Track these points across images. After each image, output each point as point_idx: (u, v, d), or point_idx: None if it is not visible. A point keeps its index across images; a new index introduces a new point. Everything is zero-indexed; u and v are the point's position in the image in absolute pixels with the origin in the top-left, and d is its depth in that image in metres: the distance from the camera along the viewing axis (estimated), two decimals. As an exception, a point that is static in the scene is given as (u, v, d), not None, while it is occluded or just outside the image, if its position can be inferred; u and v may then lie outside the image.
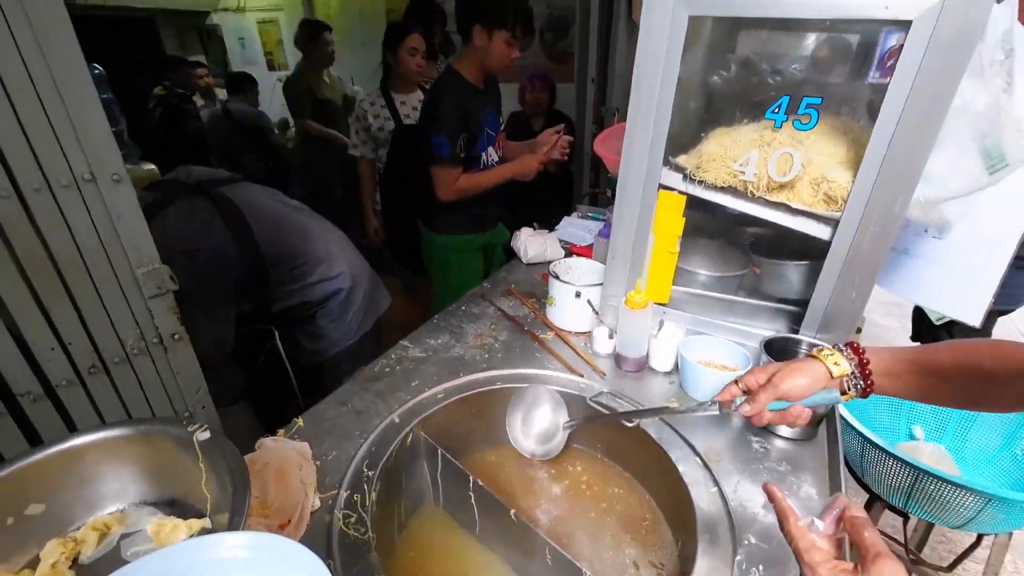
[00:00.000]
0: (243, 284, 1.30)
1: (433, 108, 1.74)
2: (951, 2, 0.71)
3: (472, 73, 1.75)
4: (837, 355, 0.69)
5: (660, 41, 0.91)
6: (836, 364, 0.68)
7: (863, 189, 0.85)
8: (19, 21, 0.64)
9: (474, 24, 1.64)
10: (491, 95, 1.87)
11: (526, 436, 0.98)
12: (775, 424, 0.88)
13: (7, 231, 0.68)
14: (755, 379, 0.72)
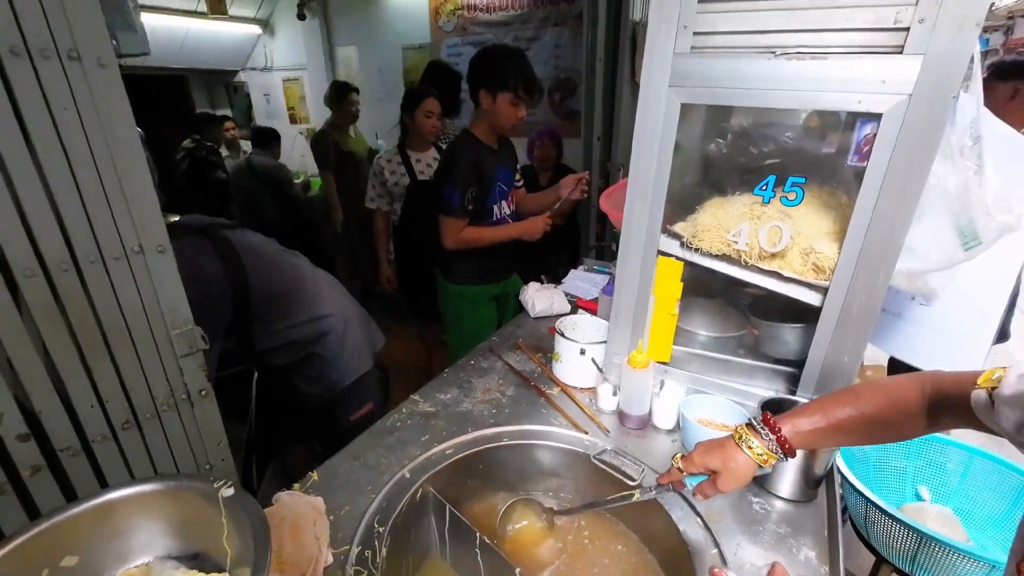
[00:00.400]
0: (233, 320, 1.37)
1: (447, 165, 1.88)
2: (916, 97, 0.78)
3: (484, 134, 1.89)
4: (752, 437, 0.76)
5: (655, 123, 1.00)
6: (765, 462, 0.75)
7: (848, 261, 0.90)
8: (85, 99, 0.73)
9: (480, 89, 1.78)
10: (504, 154, 2.00)
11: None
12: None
13: (64, 301, 0.75)
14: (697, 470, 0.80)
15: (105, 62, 0.73)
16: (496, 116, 1.81)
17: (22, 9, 0.67)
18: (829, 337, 0.97)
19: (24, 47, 0.66)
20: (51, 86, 0.69)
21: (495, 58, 1.77)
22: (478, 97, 1.81)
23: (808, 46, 0.84)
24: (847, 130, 1.05)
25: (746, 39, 0.89)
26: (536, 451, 1.11)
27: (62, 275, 0.75)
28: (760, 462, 0.75)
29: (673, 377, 1.17)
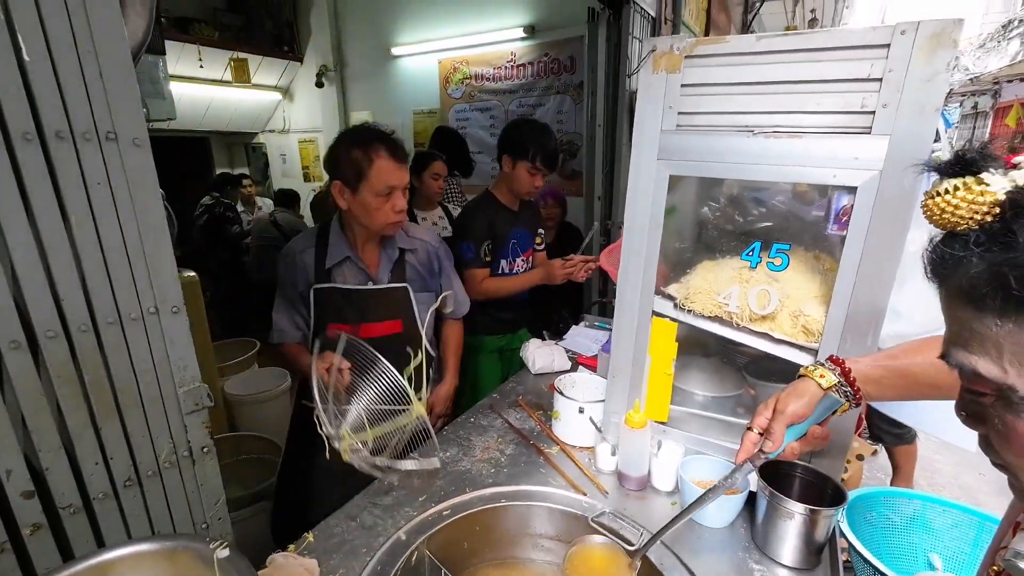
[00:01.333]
0: None
1: (464, 222, 2.02)
2: (887, 172, 0.84)
3: (504, 195, 2.01)
4: (821, 368, 0.79)
5: (647, 192, 1.06)
6: (822, 376, 0.79)
7: (836, 324, 0.93)
8: (117, 175, 0.80)
9: (504, 154, 1.94)
10: (525, 216, 2.10)
11: None
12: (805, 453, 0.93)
13: (81, 361, 0.79)
14: (763, 417, 0.81)
15: (140, 142, 0.80)
16: (514, 181, 1.94)
17: (70, 96, 0.75)
18: (822, 399, 0.98)
19: (69, 131, 0.73)
20: (89, 164, 0.76)
21: (523, 130, 1.93)
22: (502, 161, 1.95)
23: (784, 126, 0.91)
24: (829, 199, 1.11)
25: (726, 119, 0.96)
26: (534, 513, 1.10)
27: (81, 336, 0.79)
28: (826, 384, 0.77)
29: (671, 437, 1.17)
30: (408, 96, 4.47)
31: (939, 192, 0.42)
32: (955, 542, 1.27)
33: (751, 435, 0.83)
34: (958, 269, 0.40)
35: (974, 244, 0.39)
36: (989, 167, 0.40)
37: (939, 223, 0.43)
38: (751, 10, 5.11)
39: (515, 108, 3.85)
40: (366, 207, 1.33)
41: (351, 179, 1.31)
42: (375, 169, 1.30)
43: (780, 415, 0.79)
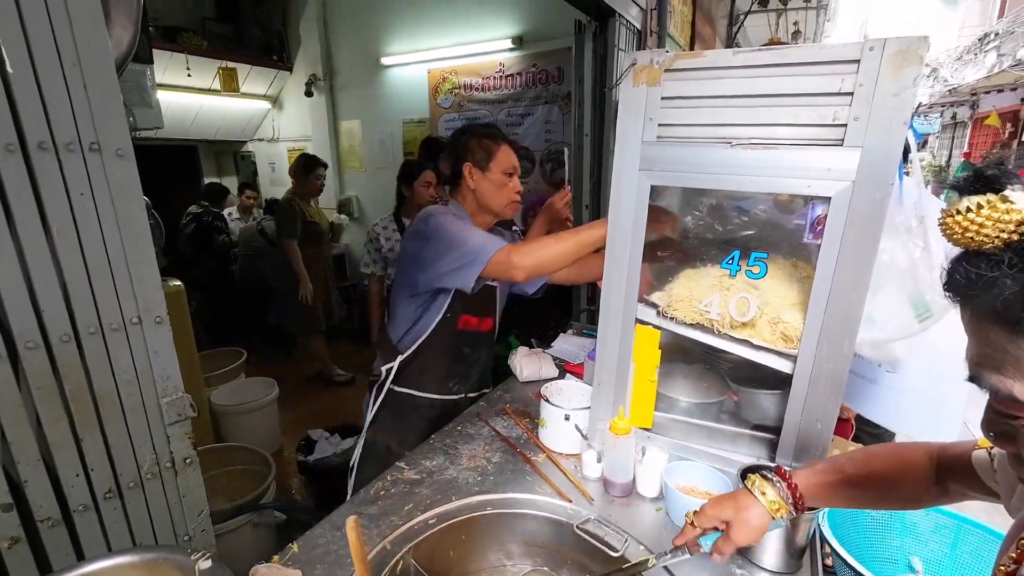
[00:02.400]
0: None
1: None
2: (859, 183, 0.86)
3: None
4: (768, 489, 0.77)
5: (629, 201, 1.08)
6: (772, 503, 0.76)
7: (813, 330, 0.95)
8: (101, 185, 0.80)
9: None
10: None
11: None
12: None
13: (62, 372, 0.79)
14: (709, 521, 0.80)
15: (123, 152, 0.81)
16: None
17: (53, 106, 0.75)
18: (802, 403, 1.00)
19: (52, 142, 0.74)
20: (72, 175, 0.76)
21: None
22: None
23: (760, 138, 0.93)
24: (806, 208, 1.13)
25: (706, 131, 0.98)
26: (520, 520, 1.10)
27: (62, 346, 0.79)
28: (772, 510, 0.75)
29: (656, 443, 1.19)
30: (398, 105, 4.49)
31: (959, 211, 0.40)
32: (936, 545, 1.29)
33: (694, 530, 0.82)
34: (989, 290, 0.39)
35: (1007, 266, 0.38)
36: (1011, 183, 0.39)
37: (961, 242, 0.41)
38: (735, 23, 5.22)
39: (504, 118, 3.89)
40: (494, 183, 1.51)
41: (481, 160, 1.51)
42: (502, 151, 1.51)
43: (732, 543, 0.77)
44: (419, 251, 1.46)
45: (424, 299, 1.52)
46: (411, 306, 1.54)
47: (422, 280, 1.47)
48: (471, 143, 1.52)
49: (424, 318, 1.54)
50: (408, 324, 1.56)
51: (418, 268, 1.47)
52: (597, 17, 2.80)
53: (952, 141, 13.59)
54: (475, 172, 1.52)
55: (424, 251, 1.44)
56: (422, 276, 1.46)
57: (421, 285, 1.48)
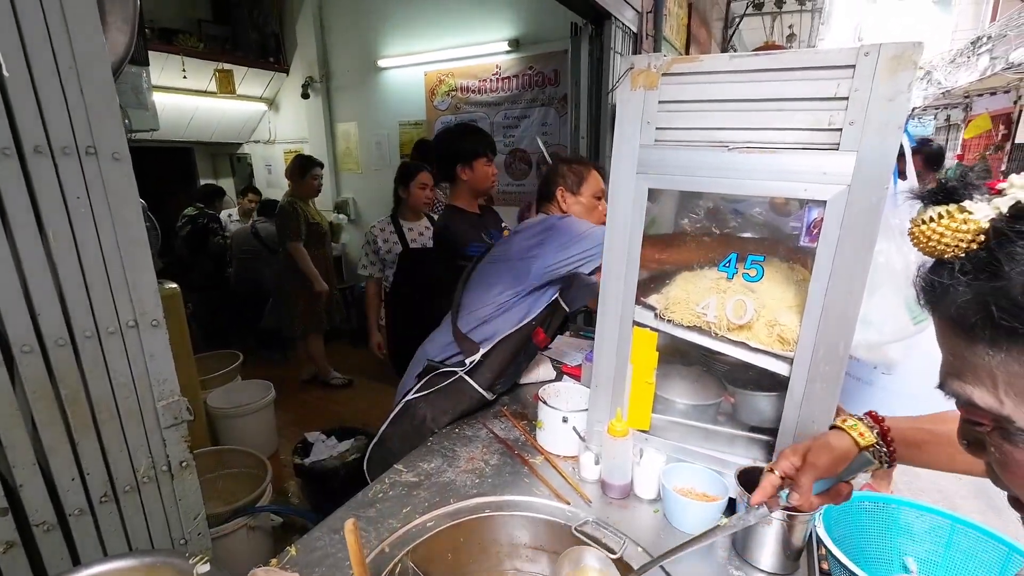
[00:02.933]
0: None
1: (449, 233, 2.07)
2: (855, 187, 0.87)
3: (466, 202, 2.09)
4: (859, 424, 0.75)
5: (627, 205, 1.08)
6: (860, 434, 0.74)
7: (809, 333, 0.96)
8: (97, 189, 0.80)
9: (455, 165, 2.02)
10: (489, 218, 2.18)
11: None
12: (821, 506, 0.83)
13: (58, 376, 0.78)
14: (790, 463, 0.76)
15: (120, 156, 0.81)
16: (476, 181, 2.04)
17: (48, 110, 0.75)
18: (798, 405, 1.01)
19: (48, 146, 0.74)
20: (68, 179, 0.76)
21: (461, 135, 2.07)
22: (454, 172, 2.03)
23: (757, 142, 0.94)
24: (802, 211, 1.14)
25: (702, 134, 0.99)
26: (518, 522, 1.10)
27: (58, 350, 0.79)
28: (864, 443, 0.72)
29: (653, 445, 1.19)
30: (394, 107, 4.50)
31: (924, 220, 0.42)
32: (931, 545, 1.30)
33: (772, 477, 0.77)
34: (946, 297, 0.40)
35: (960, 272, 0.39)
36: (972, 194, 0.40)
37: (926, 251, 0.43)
38: (731, 26, 5.25)
39: (500, 120, 3.89)
40: (585, 206, 1.67)
41: (572, 184, 1.67)
42: (591, 176, 1.68)
43: (811, 468, 0.73)
44: (545, 240, 1.53)
45: (525, 289, 1.56)
46: (507, 293, 1.57)
47: (536, 269, 1.52)
48: (561, 170, 1.69)
49: (510, 313, 1.57)
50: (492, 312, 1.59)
51: (542, 252, 1.52)
52: (593, 20, 2.82)
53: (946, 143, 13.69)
54: (567, 195, 1.68)
55: (553, 239, 1.52)
56: (538, 265, 1.52)
57: (532, 276, 1.53)
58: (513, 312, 1.57)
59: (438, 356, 1.64)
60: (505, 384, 1.69)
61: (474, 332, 1.59)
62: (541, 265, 1.51)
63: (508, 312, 1.57)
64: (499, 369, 1.59)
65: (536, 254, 1.53)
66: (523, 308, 1.56)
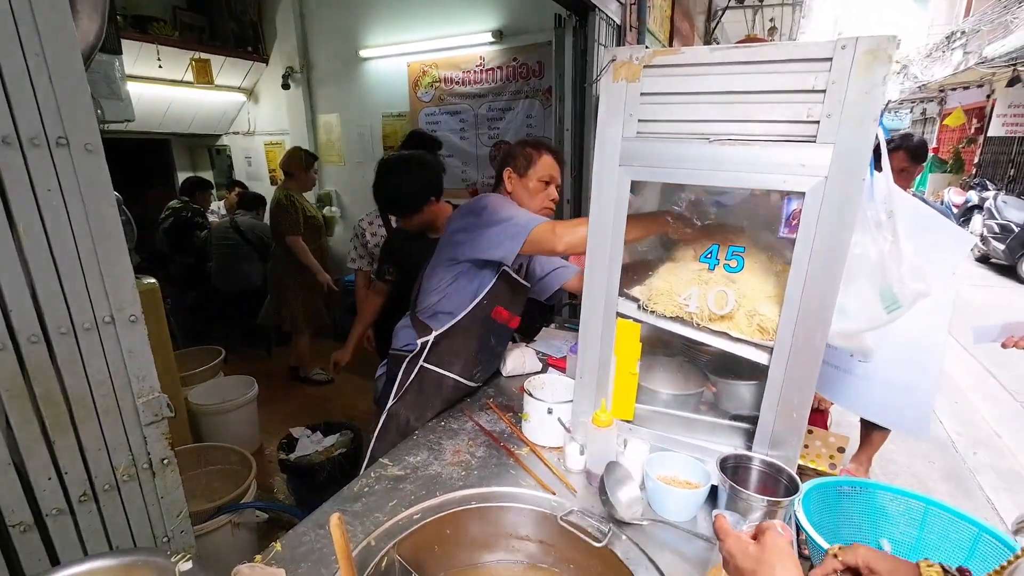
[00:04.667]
0: None
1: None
2: (832, 178, 0.89)
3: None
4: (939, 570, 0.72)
5: (610, 197, 1.09)
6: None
7: (788, 322, 0.98)
8: (69, 181, 0.78)
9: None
10: None
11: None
12: None
13: (31, 374, 0.77)
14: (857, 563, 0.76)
15: (92, 147, 0.78)
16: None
17: (16, 99, 0.72)
18: (777, 393, 1.03)
19: (16, 136, 0.71)
20: (38, 171, 0.74)
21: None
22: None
23: (737, 134, 0.95)
24: (780, 203, 1.16)
25: (684, 126, 1.00)
26: (504, 513, 1.11)
27: (31, 347, 0.77)
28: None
29: (637, 435, 1.20)
30: (377, 99, 4.43)
31: None
32: (905, 527, 1.34)
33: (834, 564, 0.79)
34: None
35: None
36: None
37: None
38: (713, 18, 5.27)
39: (485, 112, 3.87)
40: (528, 189, 1.63)
41: (521, 166, 1.63)
42: (541, 161, 1.63)
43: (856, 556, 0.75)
44: (468, 223, 1.53)
45: (461, 270, 1.54)
46: (447, 276, 1.56)
47: (468, 249, 1.51)
48: (515, 151, 1.66)
49: (457, 294, 1.56)
50: (439, 295, 1.58)
51: (465, 237, 1.53)
52: (577, 11, 2.81)
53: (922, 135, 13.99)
54: (513, 176, 1.65)
55: (473, 222, 1.52)
56: (468, 245, 1.51)
57: (464, 254, 1.52)
58: (459, 294, 1.57)
59: (401, 344, 1.66)
60: (486, 370, 1.70)
61: (430, 316, 1.60)
62: (467, 249, 1.52)
63: (455, 295, 1.57)
64: (467, 354, 1.59)
65: (461, 239, 1.53)
66: (469, 290, 1.56)
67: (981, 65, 9.99)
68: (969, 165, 12.23)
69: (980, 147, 11.76)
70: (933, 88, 13.40)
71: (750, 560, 0.66)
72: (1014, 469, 3.04)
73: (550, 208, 1.67)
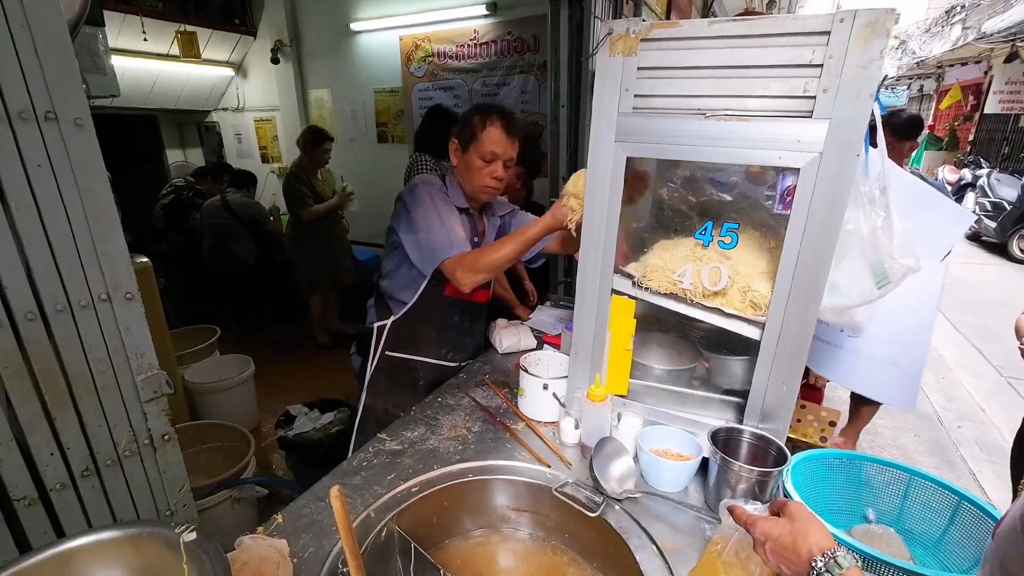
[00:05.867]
0: None
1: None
2: (827, 154, 0.89)
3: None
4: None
5: (605, 173, 1.09)
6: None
7: (780, 298, 0.99)
8: (59, 156, 0.77)
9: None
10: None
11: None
12: None
13: (29, 351, 0.77)
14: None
15: (82, 122, 0.77)
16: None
17: (3, 74, 0.71)
18: (768, 368, 1.05)
19: (3, 110, 0.70)
20: (28, 146, 0.73)
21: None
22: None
23: (734, 109, 0.94)
24: (777, 178, 1.16)
25: (680, 102, 0.99)
26: (500, 486, 1.13)
27: (28, 325, 0.77)
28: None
29: (631, 409, 1.23)
30: (369, 74, 4.34)
31: None
32: (889, 496, 1.38)
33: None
34: None
35: None
36: None
37: None
38: (711, -9, 5.17)
39: (479, 87, 3.81)
40: (469, 166, 1.48)
41: (465, 140, 1.48)
42: (487, 135, 1.44)
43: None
44: (401, 217, 1.50)
45: (403, 255, 1.53)
46: (394, 258, 1.56)
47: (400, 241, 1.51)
48: (462, 119, 1.51)
49: (403, 279, 1.55)
50: (389, 280, 1.57)
51: (397, 228, 1.51)
52: (573, -17, 2.75)
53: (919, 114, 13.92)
54: (457, 150, 1.51)
55: (404, 218, 1.48)
56: (400, 238, 1.51)
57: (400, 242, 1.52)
58: (406, 279, 1.55)
59: (369, 321, 1.65)
60: (460, 348, 1.68)
61: (389, 297, 1.59)
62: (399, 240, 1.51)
63: (402, 279, 1.55)
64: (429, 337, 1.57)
65: (393, 226, 1.52)
66: (415, 273, 1.53)
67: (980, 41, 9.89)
68: (964, 143, 12.22)
69: (976, 125, 11.73)
70: (931, 64, 13.29)
71: (787, 535, 0.70)
72: (997, 442, 3.12)
73: (493, 188, 1.52)
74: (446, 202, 1.50)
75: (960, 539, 1.27)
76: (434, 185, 1.52)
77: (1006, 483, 2.79)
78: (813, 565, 0.67)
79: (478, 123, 1.45)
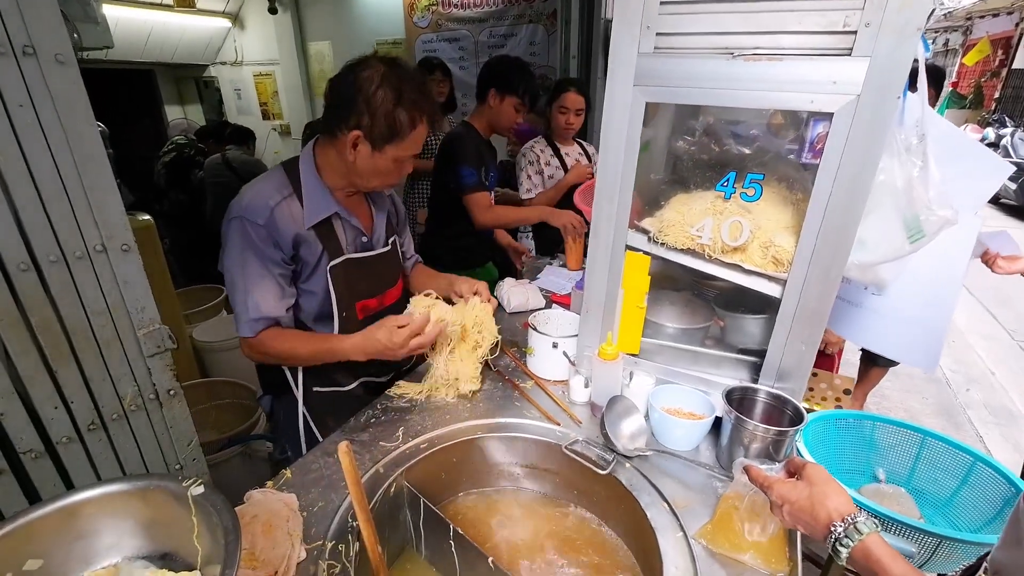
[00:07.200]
0: None
1: (456, 148, 2.01)
2: (864, 97, 0.82)
3: (483, 127, 2.07)
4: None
5: (622, 122, 1.02)
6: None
7: (804, 254, 0.94)
8: (42, 96, 0.72)
9: (490, 88, 1.97)
10: (493, 152, 2.17)
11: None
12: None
13: (24, 302, 0.74)
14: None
15: (63, 58, 0.72)
16: (499, 115, 2.00)
17: (-27, 3, 0.66)
18: (788, 327, 1.01)
19: (-23, 43, 0.65)
20: (6, 83, 0.68)
21: (512, 65, 1.99)
22: (487, 95, 1.98)
23: (764, 48, 0.87)
24: (804, 128, 1.09)
25: (706, 40, 0.91)
26: (509, 443, 1.13)
27: (21, 275, 0.74)
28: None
29: (642, 368, 1.20)
30: (370, 25, 4.17)
31: None
32: (899, 457, 1.37)
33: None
34: None
35: None
36: None
37: None
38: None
39: (485, 38, 3.65)
40: (378, 169, 1.16)
41: (380, 135, 1.10)
42: (414, 136, 1.14)
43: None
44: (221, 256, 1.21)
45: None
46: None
47: None
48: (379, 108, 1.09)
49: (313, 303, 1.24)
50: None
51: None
52: (586, -79, 2.57)
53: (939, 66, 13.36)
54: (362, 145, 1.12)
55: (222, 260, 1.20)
56: None
57: None
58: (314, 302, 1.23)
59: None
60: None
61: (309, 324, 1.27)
62: None
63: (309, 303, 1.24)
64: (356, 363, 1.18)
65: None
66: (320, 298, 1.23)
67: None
68: (989, 100, 11.75)
69: (1003, 81, 11.24)
70: (959, 16, 12.63)
71: (805, 499, 0.69)
72: (1005, 405, 3.12)
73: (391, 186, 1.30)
74: (263, 246, 1.14)
75: (972, 499, 1.27)
76: (256, 221, 1.14)
77: (1012, 445, 2.80)
78: (832, 530, 0.65)
79: (405, 120, 1.10)
